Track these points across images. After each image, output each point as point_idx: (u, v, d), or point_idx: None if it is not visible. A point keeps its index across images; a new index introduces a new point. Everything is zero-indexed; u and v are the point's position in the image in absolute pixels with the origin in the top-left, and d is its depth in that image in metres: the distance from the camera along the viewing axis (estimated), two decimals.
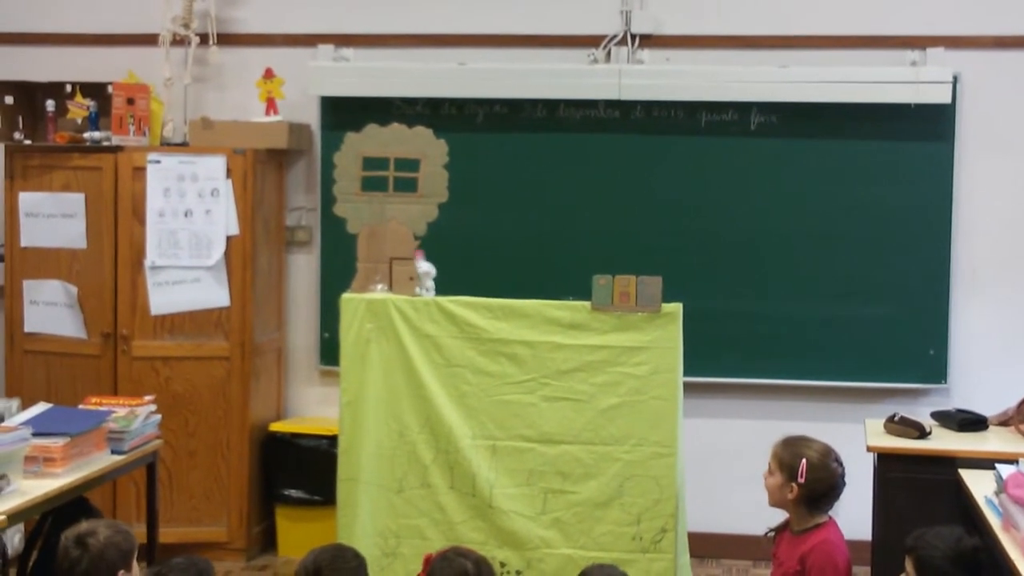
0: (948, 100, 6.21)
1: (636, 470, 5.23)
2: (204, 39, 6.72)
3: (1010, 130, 6.36)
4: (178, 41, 6.70)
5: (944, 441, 5.20)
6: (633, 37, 6.53)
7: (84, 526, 4.02)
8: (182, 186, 6.32)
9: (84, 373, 6.38)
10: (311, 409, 6.89)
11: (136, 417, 5.05)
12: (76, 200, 6.38)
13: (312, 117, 6.77)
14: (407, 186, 5.60)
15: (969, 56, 6.32)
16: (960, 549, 4.03)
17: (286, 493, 6.53)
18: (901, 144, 6.33)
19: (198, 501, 6.41)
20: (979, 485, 4.56)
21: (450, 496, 5.33)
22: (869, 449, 5.17)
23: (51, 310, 6.42)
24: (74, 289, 6.38)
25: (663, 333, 5.23)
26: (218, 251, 6.32)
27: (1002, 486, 4.18)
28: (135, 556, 4.05)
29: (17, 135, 6.64)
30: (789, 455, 4.44)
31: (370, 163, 5.64)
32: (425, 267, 5.49)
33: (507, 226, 6.58)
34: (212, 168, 6.33)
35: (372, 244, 5.58)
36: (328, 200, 6.18)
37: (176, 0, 6.67)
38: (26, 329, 6.48)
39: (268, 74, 6.72)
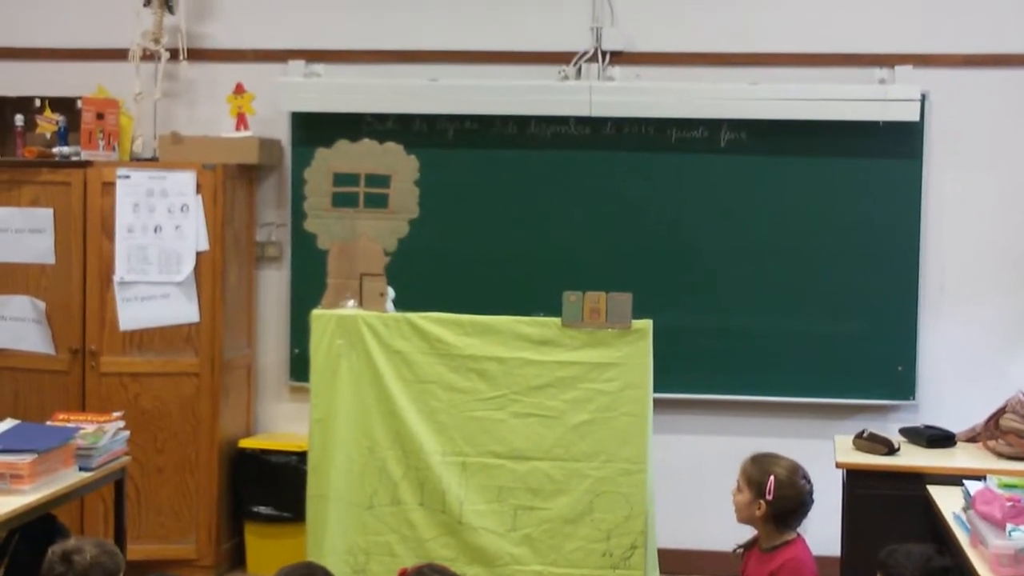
0: (916, 118, 6.25)
1: (606, 486, 5.22)
2: (174, 54, 6.70)
3: (978, 148, 6.39)
4: (148, 56, 6.68)
5: (912, 457, 5.23)
6: (604, 54, 6.55)
7: (72, 543, 3.98)
8: (151, 201, 6.30)
9: (52, 389, 6.33)
10: (281, 425, 6.86)
11: (104, 433, 5.01)
12: (44, 215, 6.34)
13: (283, 132, 6.76)
14: (378, 202, 5.57)
15: (937, 74, 6.36)
16: (929, 570, 4.04)
17: (255, 510, 6.50)
18: (869, 161, 6.36)
19: (167, 518, 6.37)
20: (947, 501, 4.57)
21: (420, 513, 5.31)
22: (838, 465, 5.19)
23: (19, 325, 6.38)
24: (42, 304, 6.34)
25: (633, 349, 5.24)
26: (188, 267, 6.30)
27: (970, 502, 4.20)
28: None
29: None
30: (757, 472, 4.44)
31: (341, 179, 5.61)
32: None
33: (478, 242, 6.58)
34: (182, 183, 6.31)
35: (342, 260, 5.56)
36: (298, 216, 6.14)
37: (146, 15, 6.64)
38: None
39: (238, 89, 6.71)
